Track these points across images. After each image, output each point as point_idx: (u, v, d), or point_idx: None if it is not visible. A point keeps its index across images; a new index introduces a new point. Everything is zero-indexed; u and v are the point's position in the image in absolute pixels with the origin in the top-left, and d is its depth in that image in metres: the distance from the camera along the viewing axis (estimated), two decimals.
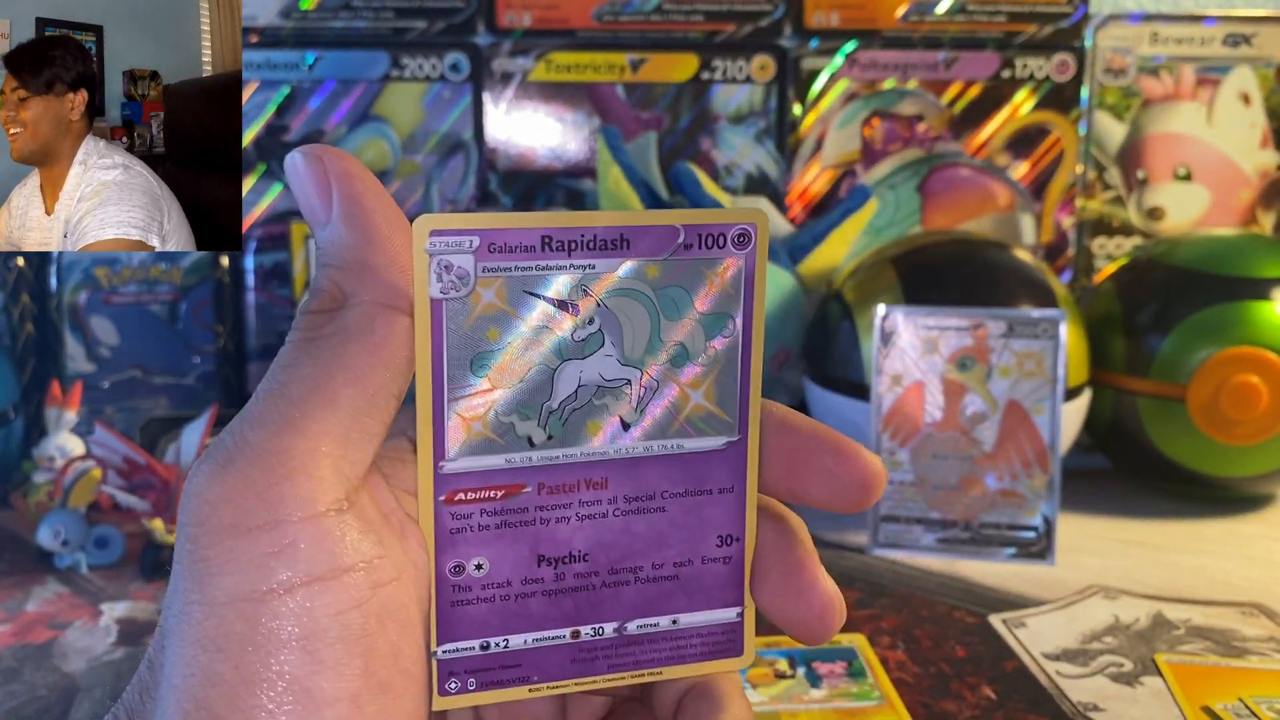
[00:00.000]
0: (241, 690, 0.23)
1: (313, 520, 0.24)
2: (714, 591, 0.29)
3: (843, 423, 0.81)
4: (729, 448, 0.28)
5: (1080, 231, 1.00)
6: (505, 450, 0.27)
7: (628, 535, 0.28)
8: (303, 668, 0.23)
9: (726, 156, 0.97)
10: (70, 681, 0.58)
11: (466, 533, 0.27)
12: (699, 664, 0.30)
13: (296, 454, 0.24)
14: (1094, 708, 0.54)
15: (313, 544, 0.24)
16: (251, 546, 0.23)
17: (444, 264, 0.25)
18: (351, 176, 0.26)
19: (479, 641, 0.28)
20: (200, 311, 0.92)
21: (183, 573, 0.24)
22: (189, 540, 0.24)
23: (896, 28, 0.96)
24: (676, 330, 0.27)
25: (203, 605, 0.23)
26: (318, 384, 0.25)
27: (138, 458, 0.74)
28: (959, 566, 0.72)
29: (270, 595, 0.23)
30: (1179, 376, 0.79)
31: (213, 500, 0.24)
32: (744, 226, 0.27)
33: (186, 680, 0.23)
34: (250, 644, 0.23)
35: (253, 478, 0.24)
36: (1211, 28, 0.98)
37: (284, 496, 0.24)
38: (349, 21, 0.93)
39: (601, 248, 0.26)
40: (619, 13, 0.94)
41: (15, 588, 0.70)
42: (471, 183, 0.95)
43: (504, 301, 0.26)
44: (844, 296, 0.82)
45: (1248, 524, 0.80)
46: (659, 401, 0.28)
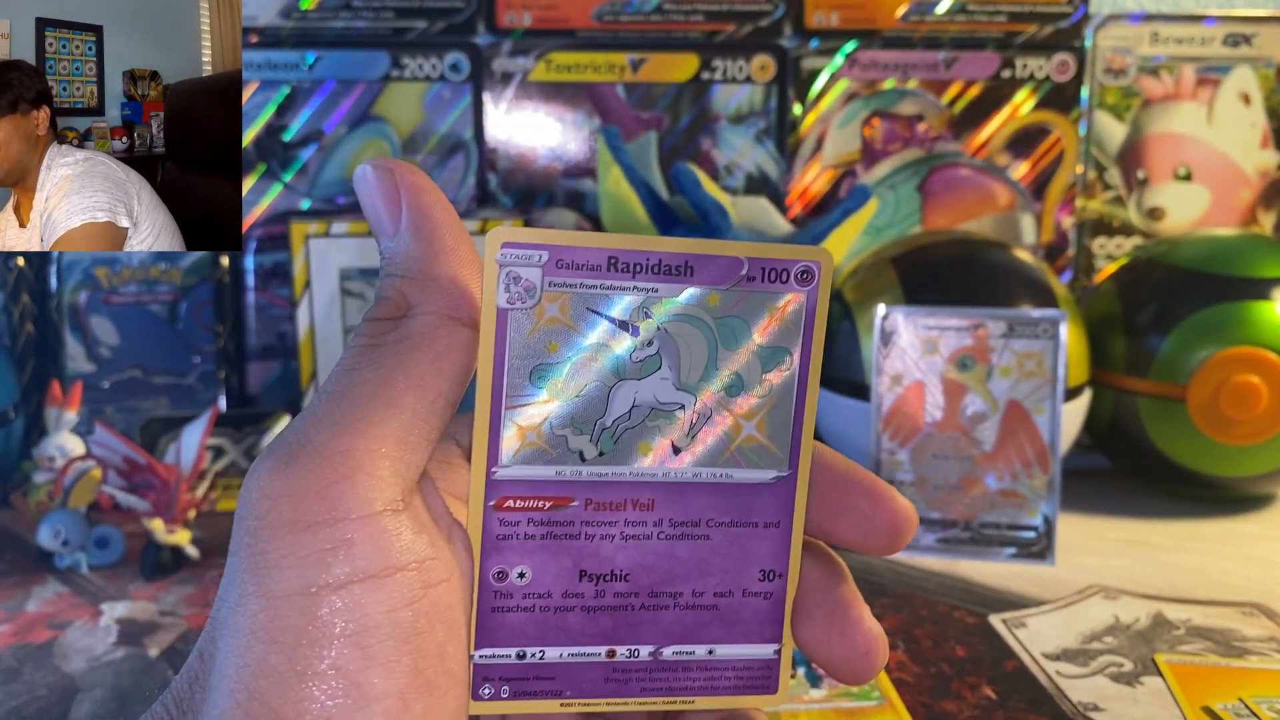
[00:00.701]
0: (294, 682, 0.24)
1: (370, 519, 0.24)
2: (753, 626, 0.29)
3: (843, 423, 0.81)
4: (778, 482, 0.29)
5: (1080, 231, 1.00)
6: (557, 462, 0.27)
7: (670, 559, 0.29)
8: (354, 662, 0.24)
9: (726, 156, 0.97)
10: (70, 681, 0.58)
11: (513, 540, 0.27)
12: (732, 698, 0.29)
13: (357, 454, 0.24)
14: (1094, 708, 0.54)
15: (369, 542, 0.24)
16: (310, 542, 0.24)
17: (513, 275, 0.26)
18: (421, 190, 0.26)
19: (516, 650, 0.28)
20: (200, 311, 0.92)
21: (240, 565, 0.24)
22: (248, 534, 0.24)
23: (896, 28, 0.96)
24: (733, 360, 0.28)
25: (259, 598, 0.24)
26: (380, 388, 0.25)
27: (138, 458, 0.74)
28: (959, 566, 0.72)
29: (326, 590, 0.24)
30: (1179, 376, 0.79)
31: (273, 496, 0.24)
32: (808, 264, 0.28)
33: (240, 670, 0.24)
34: (305, 637, 0.24)
35: (314, 475, 0.24)
36: (1211, 28, 0.98)
37: (343, 495, 0.24)
38: (349, 21, 0.93)
39: (666, 273, 0.27)
40: (619, 13, 0.94)
41: (15, 587, 0.70)
42: (471, 183, 0.95)
43: (567, 317, 0.27)
44: (844, 296, 0.82)
45: (1247, 524, 0.80)
46: (711, 429, 0.28)
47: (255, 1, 0.92)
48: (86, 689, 0.57)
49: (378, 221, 0.27)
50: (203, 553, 0.74)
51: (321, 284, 0.90)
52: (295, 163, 0.94)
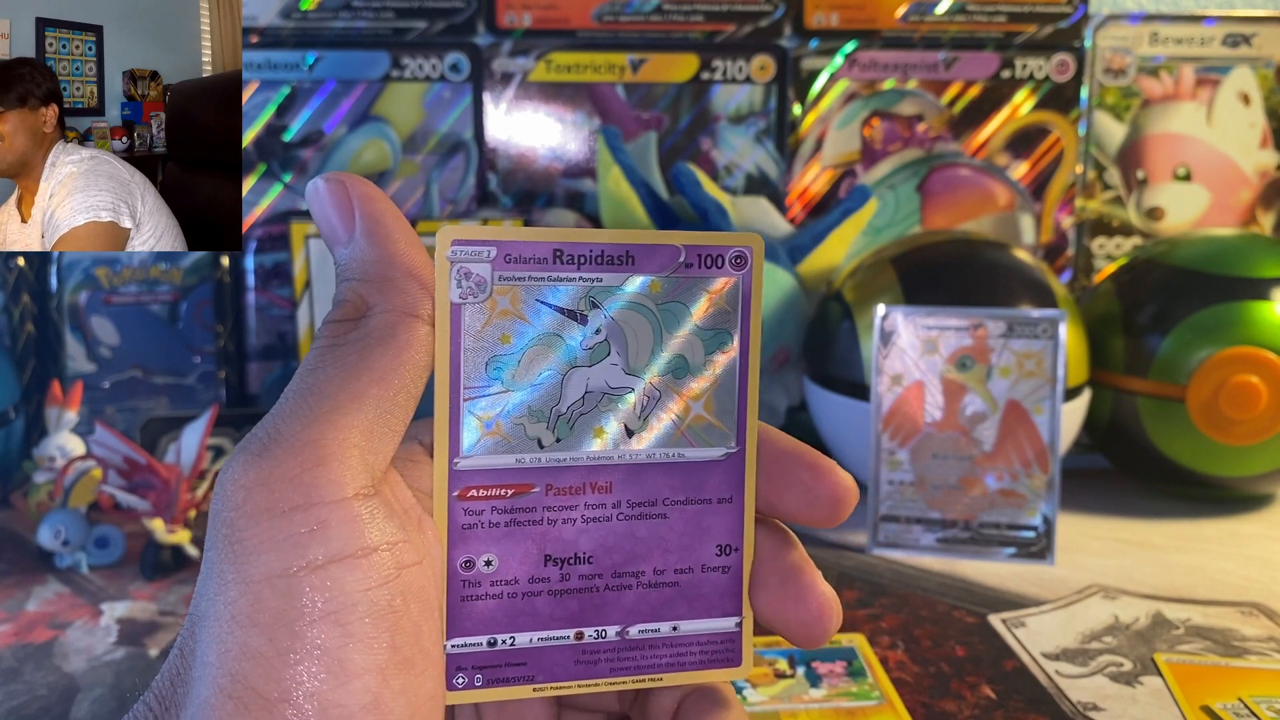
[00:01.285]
0: (276, 662, 0.24)
1: (342, 504, 0.25)
2: (713, 600, 0.30)
3: (843, 423, 0.81)
4: (727, 458, 0.30)
5: (1080, 231, 1.00)
6: (516, 450, 0.28)
7: (631, 539, 0.29)
8: (334, 640, 0.25)
9: (726, 156, 0.97)
10: (70, 681, 0.58)
11: (478, 529, 0.28)
12: (698, 672, 0.30)
13: (327, 443, 0.26)
14: (1094, 707, 0.54)
15: (343, 525, 0.25)
16: (286, 527, 0.25)
17: (463, 271, 0.27)
18: (372, 199, 0.28)
19: (487, 638, 0.29)
20: (200, 311, 0.93)
21: (218, 556, 0.25)
22: (225, 525, 0.25)
23: (896, 28, 0.96)
24: (678, 344, 0.29)
25: (239, 584, 0.25)
26: (345, 383, 0.26)
27: (138, 457, 0.74)
28: (959, 566, 0.72)
29: (304, 571, 0.25)
30: (1178, 376, 0.79)
31: (248, 486, 0.25)
32: (741, 249, 0.29)
33: (222, 656, 0.25)
34: (285, 618, 0.25)
35: (287, 464, 0.25)
36: (1211, 28, 0.98)
37: (317, 481, 0.25)
38: (349, 22, 0.93)
39: (609, 263, 0.28)
40: (619, 13, 0.94)
41: (16, 587, 0.70)
42: (471, 183, 0.96)
43: (518, 309, 0.28)
44: (844, 296, 0.82)
45: (1247, 524, 0.80)
46: (661, 411, 0.29)
47: (255, 1, 0.92)
48: (87, 689, 0.57)
49: (331, 231, 0.28)
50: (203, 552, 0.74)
51: (322, 284, 0.90)
52: (295, 163, 0.94)
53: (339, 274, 0.28)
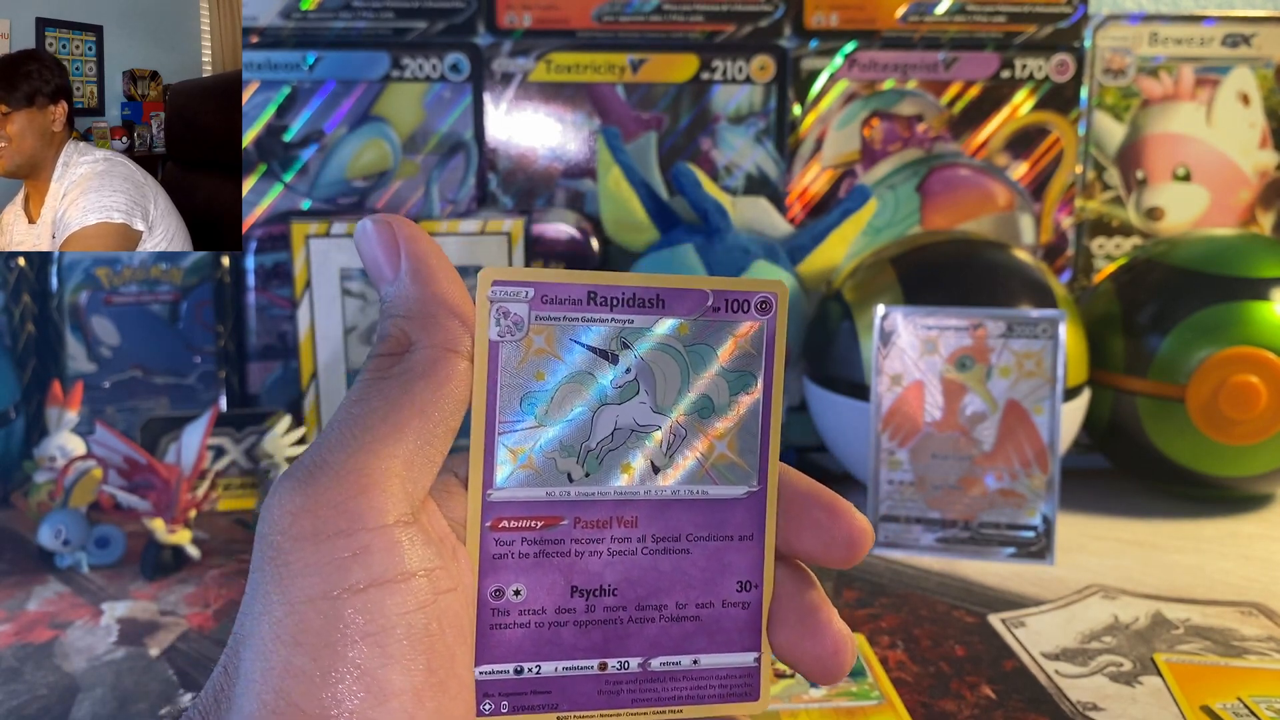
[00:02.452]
0: (319, 680, 0.25)
1: (385, 530, 0.26)
2: (733, 635, 0.31)
3: (843, 423, 0.81)
4: (749, 497, 0.31)
5: (1079, 231, 1.00)
6: (546, 484, 0.30)
7: (654, 573, 0.30)
8: (373, 660, 0.26)
9: (726, 156, 0.97)
10: (71, 681, 0.58)
11: (508, 559, 0.29)
12: (716, 705, 0.31)
13: (370, 472, 0.27)
14: (1093, 707, 0.54)
15: (385, 550, 0.26)
16: (330, 551, 0.26)
17: (502, 310, 0.29)
18: (417, 239, 0.30)
19: (513, 665, 0.30)
20: (201, 311, 0.93)
21: (263, 578, 0.26)
22: (271, 548, 0.26)
23: (896, 28, 0.96)
24: (704, 384, 0.30)
25: (284, 604, 0.26)
26: (388, 414, 0.28)
27: (138, 457, 0.74)
28: (958, 566, 0.72)
29: (346, 594, 0.26)
30: (1178, 376, 0.79)
31: (294, 511, 0.26)
32: (766, 295, 0.30)
33: (266, 674, 0.26)
34: (327, 638, 0.26)
35: (332, 492, 0.26)
36: (1211, 28, 0.98)
37: (360, 508, 0.26)
38: (349, 22, 0.93)
39: (640, 305, 0.30)
40: (619, 13, 0.94)
41: (16, 587, 0.70)
42: (471, 183, 0.96)
43: (553, 347, 0.29)
44: (844, 296, 0.82)
45: (1246, 524, 0.80)
46: (686, 449, 0.30)
47: (255, 2, 0.92)
48: (87, 688, 0.58)
49: (378, 269, 0.30)
50: (203, 552, 0.74)
51: (322, 284, 0.90)
52: (296, 163, 0.94)
53: (384, 310, 0.30)
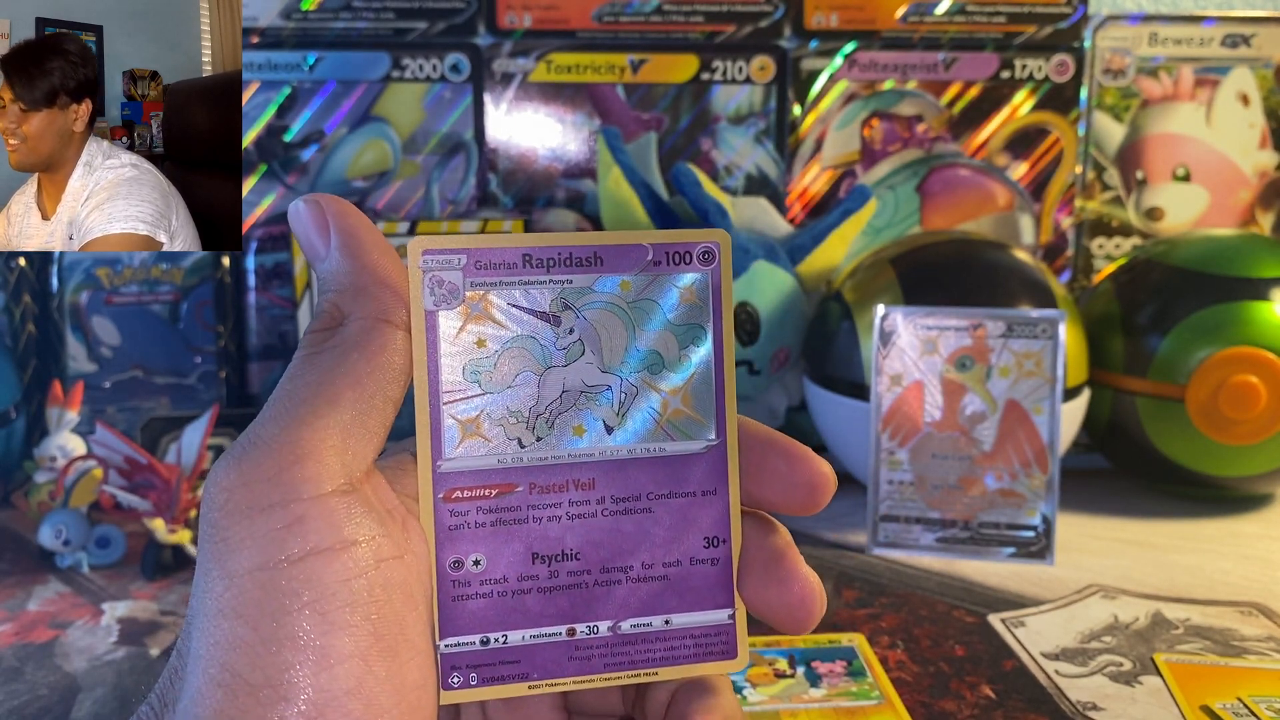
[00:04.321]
0: (261, 650, 0.26)
1: (319, 500, 0.26)
2: (703, 593, 0.31)
3: (842, 422, 0.81)
4: (709, 451, 0.30)
5: (1079, 232, 1.00)
6: (497, 451, 0.29)
7: (617, 535, 0.30)
8: (316, 628, 0.26)
9: (726, 157, 0.97)
10: (72, 681, 0.58)
11: (464, 529, 0.29)
12: (693, 665, 0.31)
13: (304, 444, 0.27)
14: (1093, 707, 0.54)
15: (320, 519, 0.26)
16: (266, 523, 0.26)
17: (436, 279, 0.29)
18: (346, 214, 0.29)
19: (479, 636, 0.29)
20: (201, 311, 0.93)
21: (205, 555, 0.27)
22: (210, 526, 0.27)
23: (896, 28, 0.96)
24: (651, 340, 0.30)
25: (224, 579, 0.26)
26: (322, 387, 0.28)
27: (139, 457, 0.74)
28: (958, 566, 0.72)
29: (284, 564, 0.26)
30: (1178, 376, 0.79)
31: (230, 487, 0.27)
32: (708, 245, 0.30)
33: (211, 649, 0.26)
34: (267, 609, 0.26)
35: (265, 465, 0.27)
36: (1210, 28, 0.98)
37: (294, 479, 0.26)
38: (350, 22, 0.93)
39: (577, 264, 0.29)
40: (619, 13, 0.94)
41: (17, 587, 0.70)
42: (472, 183, 0.96)
43: (491, 313, 0.29)
44: (843, 296, 0.82)
45: (1246, 524, 0.80)
46: (639, 407, 0.30)
47: (256, 2, 0.92)
48: (88, 688, 0.58)
49: (311, 248, 0.30)
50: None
51: None
52: (296, 163, 0.94)
53: (319, 288, 0.30)
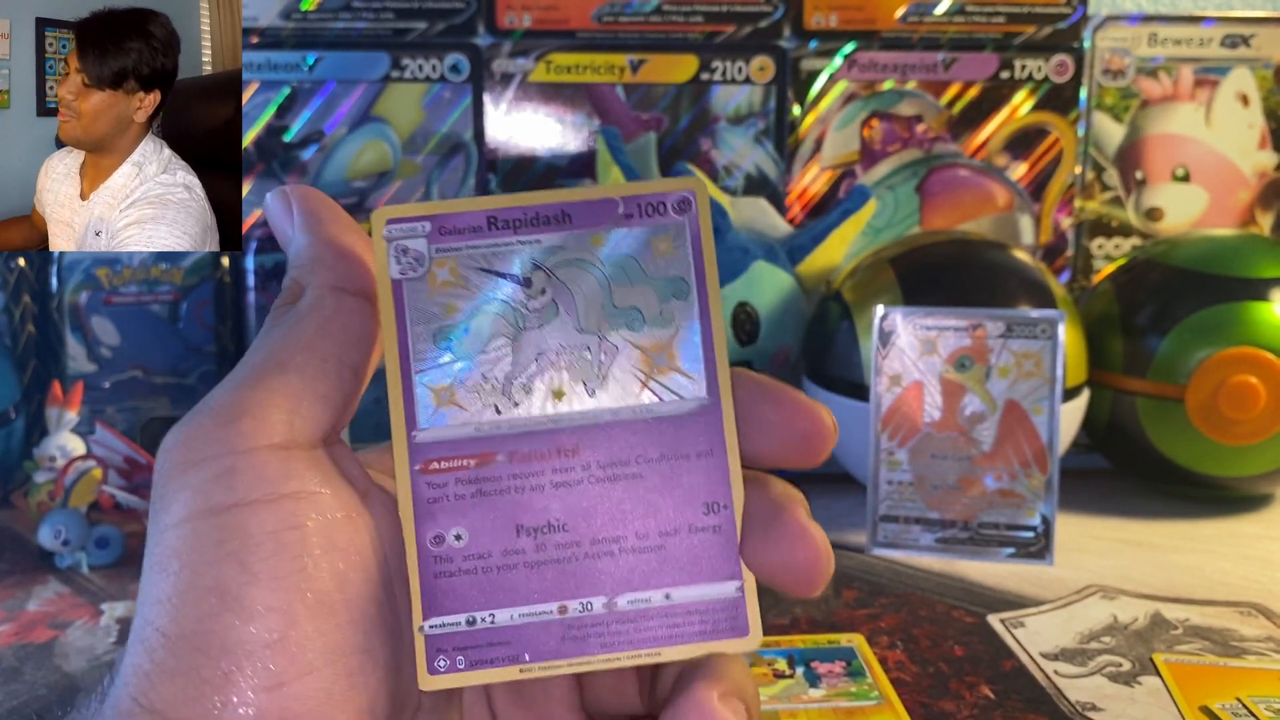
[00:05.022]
0: (178, 601, 0.25)
1: (252, 452, 0.26)
2: (704, 564, 0.28)
3: (842, 423, 0.81)
4: (701, 409, 0.28)
5: (1079, 232, 1.00)
6: (474, 419, 0.28)
7: (606, 503, 0.28)
8: (235, 578, 0.25)
9: (726, 157, 0.97)
10: (71, 681, 0.58)
11: (443, 502, 0.28)
12: (700, 644, 0.28)
13: (244, 403, 0.26)
14: (1092, 707, 0.54)
15: (251, 471, 0.26)
16: (196, 475, 0.26)
17: (400, 248, 0.28)
18: (308, 197, 0.30)
19: (465, 616, 0.28)
20: (201, 311, 0.93)
21: (149, 518, 0.26)
22: (153, 487, 0.26)
23: (895, 29, 0.96)
24: (630, 295, 0.28)
25: (156, 534, 0.26)
26: (271, 354, 0.27)
27: (138, 457, 0.74)
28: (958, 566, 0.72)
29: (209, 514, 0.25)
30: (1177, 377, 0.79)
31: (170, 446, 0.27)
32: (683, 194, 0.29)
33: (141, 605, 0.26)
34: (188, 560, 0.25)
35: (204, 424, 0.26)
36: (1210, 29, 0.98)
37: (227, 434, 0.26)
38: (349, 22, 0.93)
39: (545, 223, 0.28)
40: (619, 14, 0.94)
41: (16, 587, 0.70)
42: (472, 183, 0.96)
43: (459, 279, 0.28)
44: (843, 297, 0.82)
45: (1246, 524, 0.81)
46: (621, 366, 0.28)
47: (256, 2, 0.92)
48: (87, 689, 0.57)
49: (280, 234, 0.30)
50: None
51: None
52: (295, 163, 0.94)
53: (287, 269, 0.30)
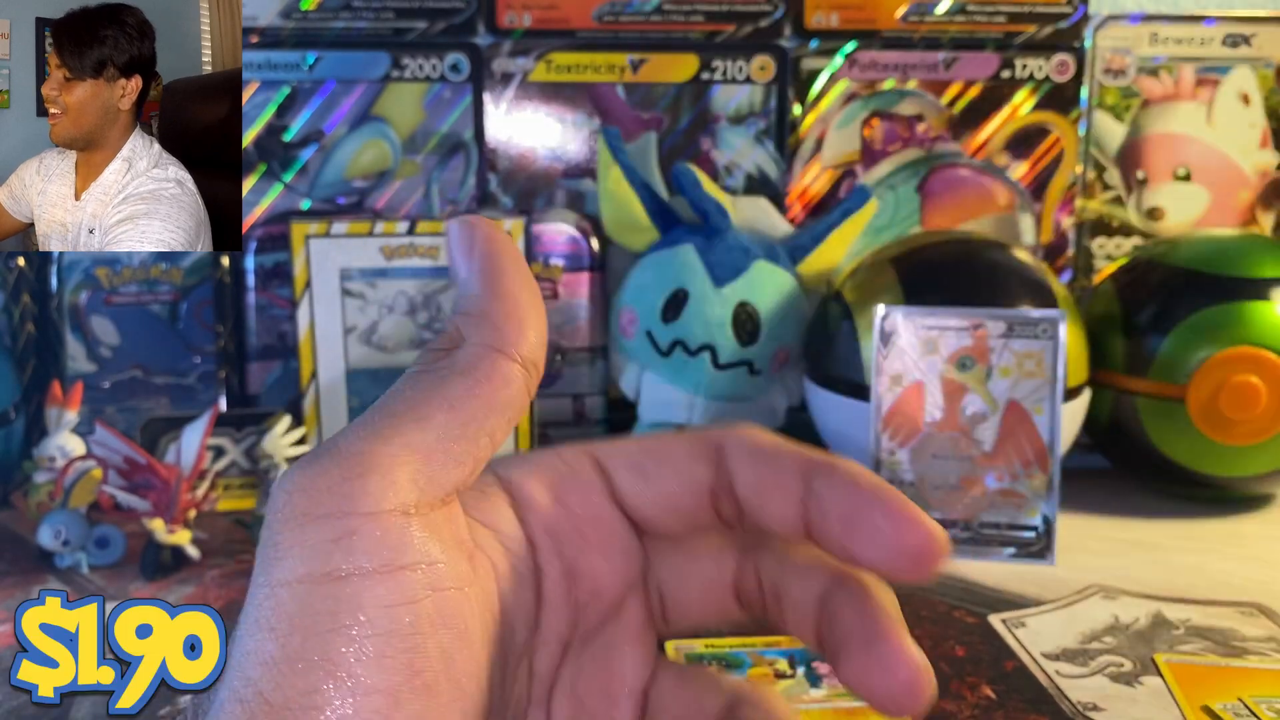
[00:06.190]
0: (285, 669, 0.24)
1: (377, 516, 0.25)
2: None
3: (843, 423, 0.81)
4: None
5: (1080, 232, 1.00)
6: None
7: None
8: (345, 654, 0.24)
9: (726, 157, 0.97)
10: None
11: None
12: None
13: (375, 457, 0.25)
14: (1094, 707, 0.54)
15: (372, 537, 0.25)
16: (316, 533, 0.25)
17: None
18: (493, 239, 0.29)
19: None
20: (201, 311, 0.93)
21: (258, 561, 0.25)
22: (266, 529, 0.25)
23: (896, 28, 0.96)
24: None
25: (265, 587, 0.25)
26: (414, 405, 0.26)
27: (138, 457, 0.74)
28: (959, 566, 0.72)
29: (325, 580, 0.24)
30: (1178, 376, 0.79)
31: (290, 490, 0.25)
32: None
33: (241, 660, 0.24)
34: (299, 625, 0.24)
35: (331, 473, 0.25)
36: (1211, 28, 0.98)
37: (353, 491, 0.25)
38: (350, 22, 0.93)
39: None
40: (619, 13, 0.94)
41: (16, 587, 0.70)
42: (472, 183, 0.96)
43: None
44: (844, 297, 0.82)
45: (1247, 524, 0.80)
46: None
47: (255, 1, 0.92)
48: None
49: (454, 268, 0.29)
50: (203, 553, 0.74)
51: (322, 284, 0.90)
52: (295, 163, 0.94)
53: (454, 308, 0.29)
